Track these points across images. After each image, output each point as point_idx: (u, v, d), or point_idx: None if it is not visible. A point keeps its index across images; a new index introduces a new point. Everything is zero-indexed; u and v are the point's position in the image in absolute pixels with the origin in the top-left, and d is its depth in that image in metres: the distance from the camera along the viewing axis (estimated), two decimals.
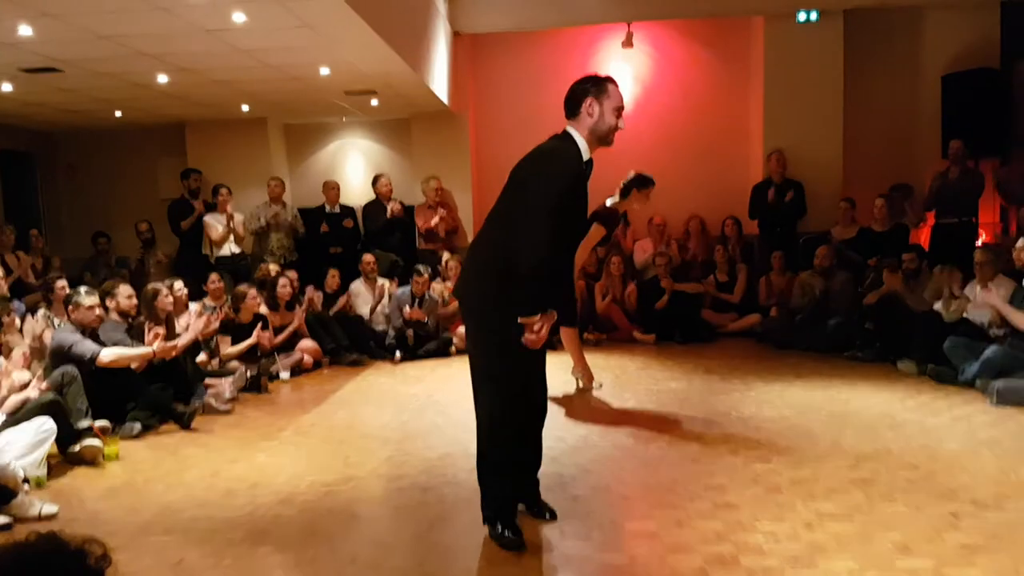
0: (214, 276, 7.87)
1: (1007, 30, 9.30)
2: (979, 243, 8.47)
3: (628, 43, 9.85)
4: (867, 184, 9.18)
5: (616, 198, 6.07)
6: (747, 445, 4.82)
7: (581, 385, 6.56)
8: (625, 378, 7.02)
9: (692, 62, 10.21)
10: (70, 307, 5.58)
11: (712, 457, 4.62)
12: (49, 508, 4.00)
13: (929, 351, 6.52)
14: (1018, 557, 3.18)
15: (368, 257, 8.99)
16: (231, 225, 9.20)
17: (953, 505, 3.72)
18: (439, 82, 8.93)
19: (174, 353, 5.86)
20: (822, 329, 7.86)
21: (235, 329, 7.32)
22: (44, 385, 4.76)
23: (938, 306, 6.87)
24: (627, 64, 10.21)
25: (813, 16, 9.39)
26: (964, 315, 6.54)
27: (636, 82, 10.25)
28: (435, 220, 9.72)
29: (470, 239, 10.24)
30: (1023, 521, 3.52)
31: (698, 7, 9.43)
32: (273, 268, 8.27)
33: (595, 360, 7.88)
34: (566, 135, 3.52)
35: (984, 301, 6.25)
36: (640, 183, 6.03)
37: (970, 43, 9.35)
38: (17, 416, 4.60)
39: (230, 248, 9.23)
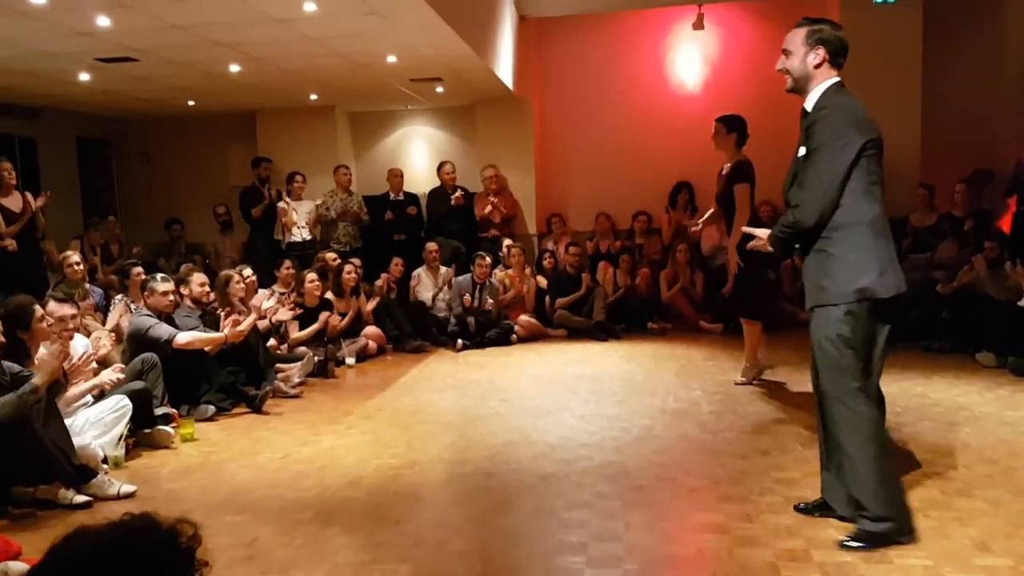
0: (287, 263, 8.01)
1: None
2: None
3: (699, 25, 9.65)
4: (946, 169, 8.85)
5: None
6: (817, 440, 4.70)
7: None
8: (692, 368, 6.93)
9: (764, 44, 9.93)
10: (145, 292, 5.75)
11: (782, 450, 4.53)
12: (127, 488, 4.13)
13: (1008, 342, 6.28)
14: None
15: (431, 245, 9.05)
16: (317, 210, 9.37)
17: None
18: (504, 67, 8.91)
19: (243, 335, 5.98)
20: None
21: (302, 314, 7.45)
22: (119, 375, 4.85)
23: (1022, 303, 6.59)
24: (697, 47, 10.03)
25: None
26: None
27: (706, 64, 10.06)
28: (488, 208, 9.74)
29: (530, 226, 10.24)
30: None
31: None
32: (330, 256, 8.37)
33: (660, 349, 7.84)
34: None
35: None
36: None
37: None
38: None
39: (302, 235, 9.39)
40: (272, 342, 6.96)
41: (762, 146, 6.32)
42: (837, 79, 3.30)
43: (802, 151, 3.29)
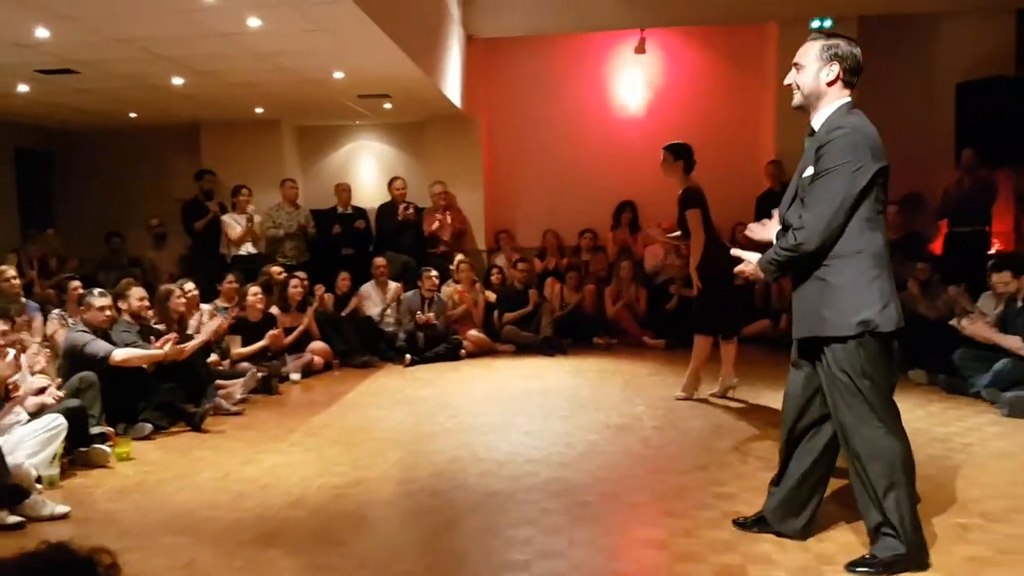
0: (231, 277, 7.91)
1: (1022, 37, 9.26)
2: (991, 251, 8.44)
3: (641, 49, 9.86)
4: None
5: None
6: (756, 453, 4.82)
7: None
8: (635, 383, 7.02)
9: (705, 69, 10.21)
10: (82, 307, 5.63)
11: (721, 465, 4.62)
12: (61, 508, 4.03)
13: (940, 361, 6.50)
14: None
15: (379, 261, 9.03)
16: (250, 225, 9.24)
17: (962, 518, 3.71)
18: (452, 86, 8.96)
19: (184, 355, 5.90)
20: None
21: (246, 329, 7.36)
22: (60, 392, 4.78)
23: (954, 322, 6.83)
24: (640, 70, 10.22)
25: (828, 23, 9.35)
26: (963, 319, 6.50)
27: (649, 88, 10.26)
28: (435, 224, 9.77)
29: (479, 242, 10.29)
30: None
31: (712, 14, 9.43)
32: (275, 270, 8.29)
33: (605, 364, 7.93)
34: None
35: (972, 333, 6.21)
36: None
37: (985, 51, 9.30)
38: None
39: (247, 248, 9.27)
40: (213, 357, 6.86)
41: (704, 169, 6.45)
42: (849, 99, 3.20)
43: (808, 171, 3.16)
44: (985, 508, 3.82)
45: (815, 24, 9.35)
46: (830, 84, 3.19)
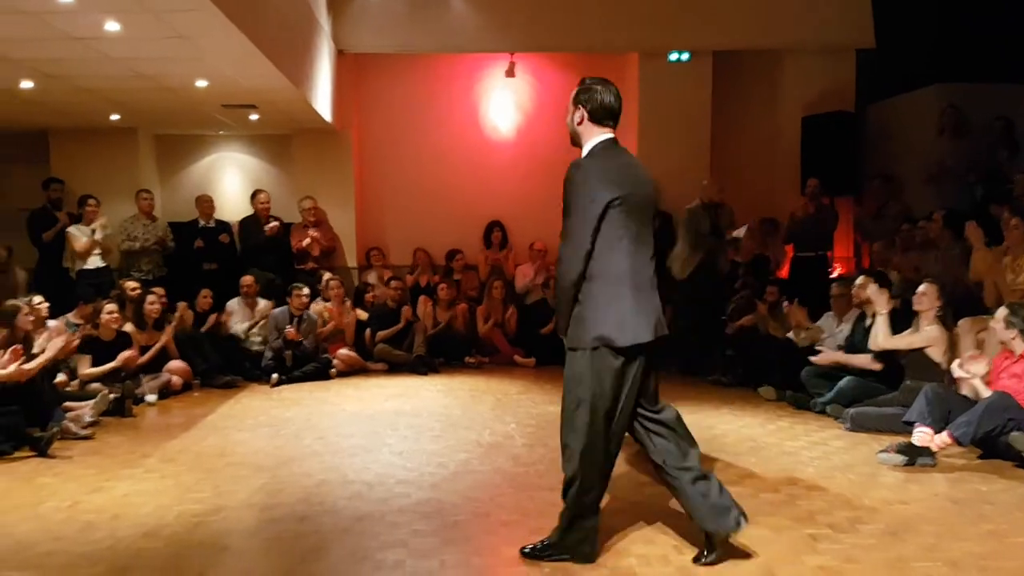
0: (92, 303, 7.43)
1: (861, 76, 10.03)
2: (833, 275, 9.05)
3: (511, 73, 10.08)
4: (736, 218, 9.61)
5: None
6: (618, 470, 4.92)
7: None
8: (506, 401, 7.10)
9: (571, 94, 10.47)
10: None
11: None
12: None
13: (787, 378, 6.92)
14: None
15: (247, 279, 8.73)
16: (95, 237, 8.73)
17: (812, 528, 3.95)
18: (322, 99, 8.82)
19: (29, 375, 5.51)
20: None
21: (97, 347, 6.95)
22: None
23: (791, 335, 7.32)
24: (510, 92, 10.40)
25: (684, 56, 9.85)
26: (817, 346, 6.96)
27: (518, 110, 10.46)
28: (306, 241, 9.59)
29: (349, 259, 10.16)
30: (875, 544, 3.77)
31: (576, 42, 9.75)
32: (130, 285, 7.89)
33: (476, 383, 7.97)
34: None
35: (824, 361, 6.65)
36: None
37: (828, 87, 10.01)
38: None
39: (95, 262, 8.77)
40: (61, 377, 6.44)
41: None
42: (606, 136, 3.48)
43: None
44: (832, 519, 4.08)
45: (673, 57, 9.84)
46: (579, 125, 3.51)
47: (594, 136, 3.48)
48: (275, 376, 7.94)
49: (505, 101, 10.47)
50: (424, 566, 3.53)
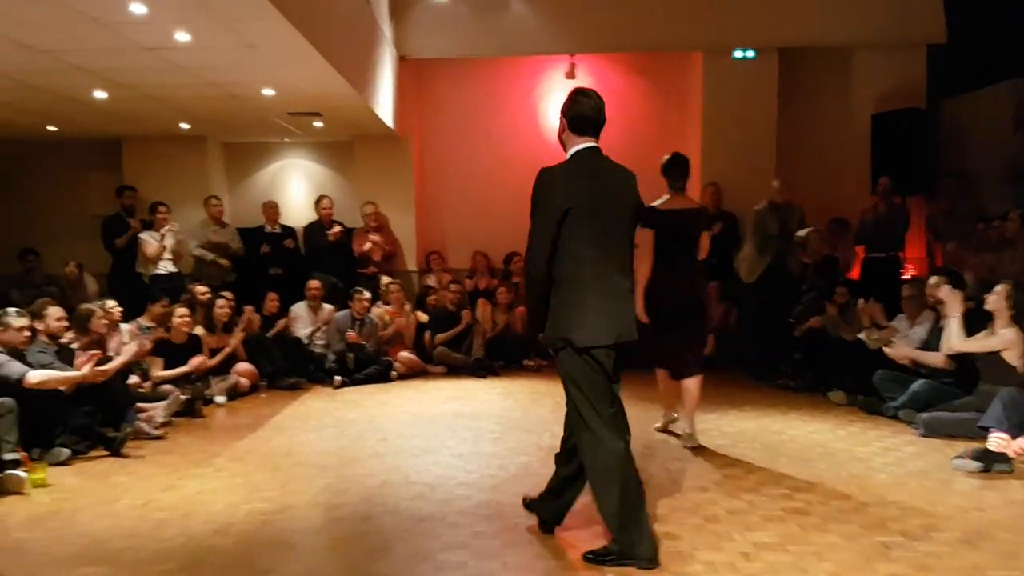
0: (164, 300, 7.63)
1: (932, 72, 9.73)
2: (905, 277, 8.78)
3: (571, 74, 10.03)
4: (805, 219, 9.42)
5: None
6: (687, 474, 4.89)
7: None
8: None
9: (633, 95, 10.41)
10: None
11: (650, 487, 4.64)
12: None
13: (858, 382, 6.73)
14: None
15: (313, 283, 8.87)
16: (164, 243, 8.97)
17: (884, 536, 3.83)
18: (384, 105, 8.92)
19: (105, 377, 5.69)
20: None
21: (168, 350, 7.14)
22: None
23: (863, 335, 7.10)
24: None
25: (750, 54, 9.68)
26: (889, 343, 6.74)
27: None
28: (367, 245, 9.69)
29: (409, 263, 10.24)
30: (949, 552, 3.64)
31: (639, 41, 9.66)
32: (200, 289, 8.08)
33: (536, 386, 7.95)
34: None
35: (895, 354, 6.46)
36: None
37: (898, 83, 9.73)
38: None
39: (166, 267, 9.02)
40: (134, 379, 6.64)
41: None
42: (585, 146, 3.62)
43: None
44: (905, 526, 3.95)
45: (738, 54, 9.68)
46: (562, 134, 3.71)
47: (575, 146, 3.64)
48: (338, 378, 8.06)
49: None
50: (486, 567, 3.53)
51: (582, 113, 3.61)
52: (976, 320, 5.96)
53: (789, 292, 8.26)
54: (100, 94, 7.60)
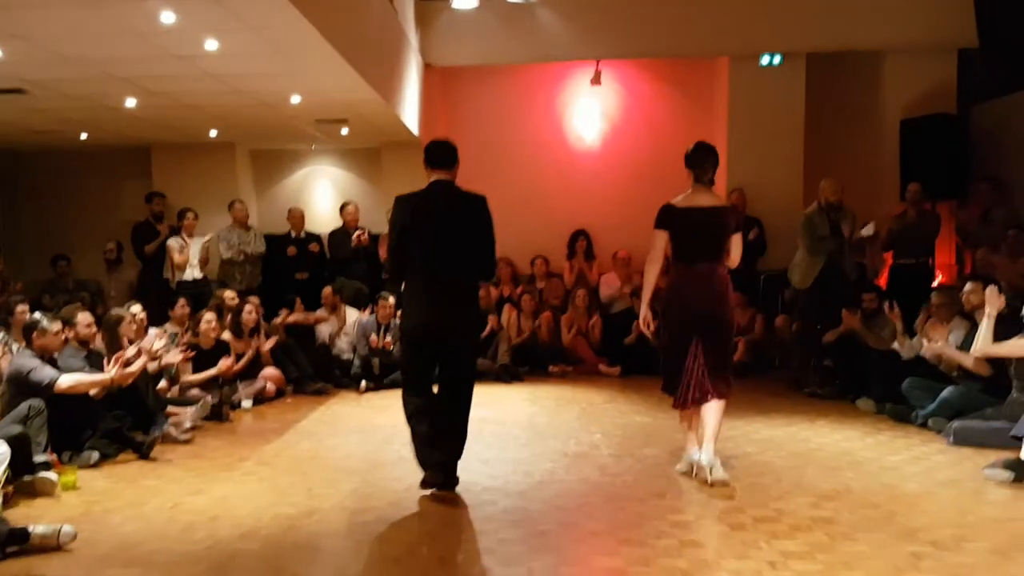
0: (182, 301, 7.76)
1: (963, 77, 9.61)
2: (935, 284, 8.67)
3: (597, 80, 10.03)
4: None
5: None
6: (700, 486, 4.84)
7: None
8: (592, 411, 7.04)
9: (659, 100, 10.39)
10: (35, 333, 5.43)
11: (677, 493, 4.65)
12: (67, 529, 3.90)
13: (887, 390, 6.64)
14: None
15: (326, 290, 8.93)
16: (189, 251, 9.08)
17: (913, 546, 3.78)
18: (410, 112, 8.98)
19: (131, 378, 5.74)
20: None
21: (197, 355, 7.21)
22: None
23: (896, 345, 6.99)
24: (596, 100, 10.36)
25: (776, 59, 9.63)
26: (921, 354, 6.65)
27: (604, 118, 10.39)
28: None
29: None
30: (981, 563, 3.58)
31: (665, 47, 9.64)
32: (228, 295, 8.16)
33: (561, 392, 7.94)
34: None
35: (931, 351, 6.35)
36: None
37: (928, 88, 9.62)
38: None
39: (192, 273, 9.12)
40: (163, 384, 6.71)
41: (659, 198, 6.28)
42: (434, 179, 4.81)
43: None
44: (935, 536, 3.89)
45: (764, 60, 9.63)
46: (425, 170, 4.84)
47: (430, 179, 4.76)
48: (364, 383, 8.09)
49: (591, 109, 10.43)
50: (511, 573, 3.53)
51: (428, 154, 4.85)
52: (1008, 326, 5.86)
53: (848, 297, 7.81)
54: (131, 101, 7.72)
